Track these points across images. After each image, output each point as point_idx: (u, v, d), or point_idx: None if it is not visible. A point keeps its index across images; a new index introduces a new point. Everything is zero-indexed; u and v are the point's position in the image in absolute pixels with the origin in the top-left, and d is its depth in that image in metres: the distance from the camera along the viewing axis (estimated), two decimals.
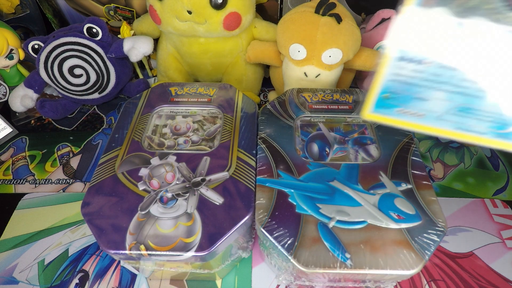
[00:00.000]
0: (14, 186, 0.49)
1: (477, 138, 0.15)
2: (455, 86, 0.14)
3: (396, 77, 0.15)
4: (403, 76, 0.15)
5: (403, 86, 0.15)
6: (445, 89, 0.14)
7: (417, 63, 0.14)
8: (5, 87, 0.57)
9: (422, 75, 0.14)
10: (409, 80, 0.15)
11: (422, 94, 0.15)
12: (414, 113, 0.15)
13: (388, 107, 0.15)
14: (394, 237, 0.29)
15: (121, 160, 0.35)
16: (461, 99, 0.15)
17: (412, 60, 0.14)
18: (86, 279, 0.39)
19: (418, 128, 0.15)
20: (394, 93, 0.15)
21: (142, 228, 0.29)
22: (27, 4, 0.64)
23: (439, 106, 0.15)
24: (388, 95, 0.15)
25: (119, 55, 0.53)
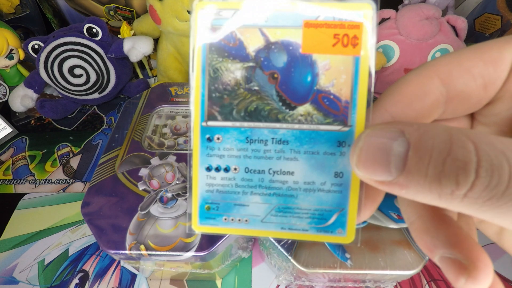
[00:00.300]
0: (14, 186, 0.49)
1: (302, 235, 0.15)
2: (266, 188, 0.15)
3: (210, 188, 0.15)
4: (216, 185, 0.15)
5: (220, 195, 0.15)
6: (259, 192, 0.15)
7: (224, 171, 0.15)
8: (5, 87, 0.57)
9: (233, 182, 0.15)
10: (223, 189, 0.15)
11: (240, 200, 0.15)
12: (239, 220, 0.15)
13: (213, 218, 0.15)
14: (394, 237, 0.29)
15: (121, 160, 0.35)
16: (276, 200, 0.15)
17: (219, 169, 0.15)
18: (86, 279, 0.39)
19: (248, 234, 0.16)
20: (214, 203, 0.15)
21: (142, 228, 0.29)
22: (27, 4, 0.64)
23: (259, 210, 0.15)
24: (208, 206, 0.15)
25: (119, 55, 0.53)
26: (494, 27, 0.58)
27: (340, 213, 0.15)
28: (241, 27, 0.14)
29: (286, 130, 0.15)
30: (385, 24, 0.52)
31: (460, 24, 0.49)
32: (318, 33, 0.14)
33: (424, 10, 0.48)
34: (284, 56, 0.14)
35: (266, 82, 0.14)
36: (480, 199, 0.10)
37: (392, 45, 0.50)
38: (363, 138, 0.12)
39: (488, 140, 0.10)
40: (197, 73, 0.15)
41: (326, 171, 0.15)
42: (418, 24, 0.48)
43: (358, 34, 0.14)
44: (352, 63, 0.14)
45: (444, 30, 0.49)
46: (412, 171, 0.11)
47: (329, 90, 0.14)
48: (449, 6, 0.58)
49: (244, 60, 0.14)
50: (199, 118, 0.15)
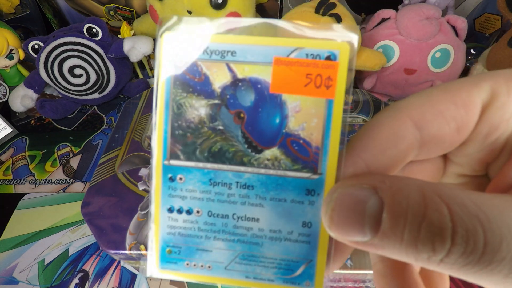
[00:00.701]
0: (14, 186, 0.49)
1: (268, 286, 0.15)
2: (230, 234, 0.14)
3: (172, 230, 0.14)
4: (178, 228, 0.14)
5: (182, 238, 0.14)
6: (222, 237, 0.14)
7: (187, 213, 0.14)
8: (5, 87, 0.57)
9: (195, 225, 0.14)
10: (185, 232, 0.14)
11: (203, 245, 0.14)
12: (202, 266, 0.15)
13: (175, 262, 0.15)
14: None
15: (121, 160, 0.35)
16: (241, 247, 0.14)
17: (181, 211, 0.14)
18: (86, 279, 0.39)
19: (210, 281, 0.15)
20: (176, 246, 0.15)
21: (142, 228, 0.29)
22: (27, 4, 0.64)
23: (223, 256, 0.14)
24: (170, 250, 0.15)
25: (119, 55, 0.53)
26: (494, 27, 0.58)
27: (307, 264, 0.14)
28: (208, 61, 0.13)
29: (252, 175, 0.14)
30: (385, 24, 0.52)
31: (460, 24, 0.49)
32: (289, 71, 0.13)
33: (424, 10, 0.48)
34: (252, 95, 0.13)
35: (231, 121, 0.13)
36: (457, 264, 0.10)
37: (392, 45, 0.51)
38: (335, 197, 0.12)
39: (461, 201, 0.10)
40: (160, 107, 0.14)
41: (294, 220, 0.14)
42: (418, 24, 0.48)
43: (332, 75, 0.13)
44: (325, 106, 0.13)
45: (444, 30, 0.49)
46: (387, 234, 0.10)
47: (298, 134, 0.13)
48: (449, 6, 0.58)
49: (209, 97, 0.13)
50: (161, 156, 0.14)
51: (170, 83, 0.13)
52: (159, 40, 0.13)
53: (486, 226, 0.09)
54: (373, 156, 0.13)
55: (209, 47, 0.13)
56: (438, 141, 0.13)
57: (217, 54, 0.13)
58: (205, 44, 0.13)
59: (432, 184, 0.11)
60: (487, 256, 0.09)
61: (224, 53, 0.13)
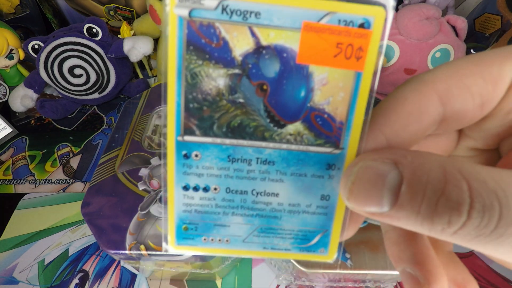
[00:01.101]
0: (14, 186, 0.49)
1: (284, 254, 0.15)
2: (249, 209, 0.14)
3: (188, 208, 0.14)
4: (195, 205, 0.14)
5: (198, 215, 0.14)
6: (241, 213, 0.14)
7: (203, 191, 0.14)
8: (5, 87, 0.57)
9: (213, 202, 0.14)
10: (202, 209, 0.14)
11: (221, 220, 0.14)
12: (220, 240, 0.15)
13: (192, 238, 0.15)
14: None
15: (121, 160, 0.35)
16: (259, 221, 0.14)
17: (197, 188, 0.14)
18: (86, 279, 0.39)
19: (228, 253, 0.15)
20: (192, 223, 0.14)
21: (142, 228, 0.29)
22: (27, 4, 0.64)
23: (241, 230, 0.14)
24: (186, 227, 0.14)
25: (119, 55, 0.53)
26: (494, 27, 0.58)
27: (323, 234, 0.14)
28: (227, 23, 0.11)
29: (273, 150, 0.13)
30: None
31: (460, 24, 0.49)
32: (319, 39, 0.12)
33: (424, 10, 0.48)
34: (277, 65, 0.12)
35: (253, 94, 0.12)
36: (469, 236, 0.10)
37: (392, 45, 0.50)
38: (355, 171, 0.12)
39: (481, 177, 0.10)
40: (171, 77, 0.12)
41: (313, 194, 0.14)
42: (418, 24, 0.48)
43: (364, 45, 0.12)
44: (353, 80, 0.12)
45: (444, 30, 0.49)
46: (405, 206, 0.11)
47: (323, 109, 0.12)
48: (449, 6, 0.58)
49: (229, 66, 0.12)
50: (174, 132, 0.13)
51: (183, 48, 0.12)
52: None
53: (503, 201, 0.10)
54: (395, 132, 0.12)
55: (230, 5, 0.11)
56: (460, 117, 0.13)
57: (238, 14, 0.11)
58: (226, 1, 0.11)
59: (454, 161, 0.11)
60: (500, 230, 0.10)
61: (247, 14, 0.11)
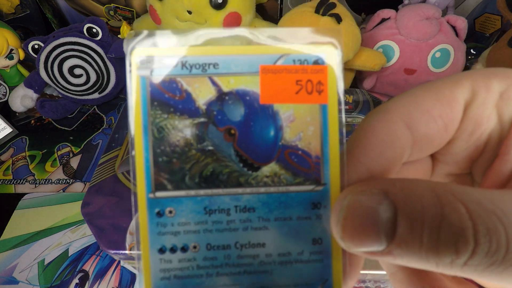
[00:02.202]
0: (14, 186, 0.49)
1: None
2: (235, 266, 0.13)
3: (166, 274, 0.13)
4: (173, 270, 0.13)
5: (179, 282, 0.13)
6: (226, 272, 0.13)
7: (182, 251, 0.13)
8: (5, 87, 0.57)
9: (194, 263, 0.13)
10: (182, 273, 0.13)
11: (205, 285, 0.13)
12: None
13: None
14: None
15: (121, 160, 0.35)
16: (248, 279, 0.13)
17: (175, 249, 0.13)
18: (86, 279, 0.39)
19: None
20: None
21: None
22: (27, 4, 0.64)
23: None
24: None
25: (119, 55, 0.53)
26: (494, 27, 0.58)
27: (324, 285, 0.13)
28: (188, 76, 0.12)
29: (251, 196, 0.12)
30: (385, 24, 0.52)
31: (460, 24, 0.49)
32: (278, 79, 0.12)
33: (424, 10, 0.48)
34: (241, 108, 0.12)
35: (222, 140, 0.12)
36: (481, 266, 0.09)
37: (392, 45, 0.51)
38: (345, 206, 0.11)
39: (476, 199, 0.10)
40: (138, 133, 0.12)
41: (303, 239, 0.13)
42: (418, 24, 0.48)
43: (323, 79, 0.12)
44: (320, 112, 0.12)
45: (444, 30, 0.49)
46: (405, 239, 0.10)
47: (296, 145, 0.12)
48: (449, 6, 0.58)
49: (194, 116, 0.12)
50: (144, 189, 0.12)
51: (147, 104, 0.12)
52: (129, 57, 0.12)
53: (505, 221, 0.09)
54: (373, 160, 0.12)
55: (188, 61, 0.12)
56: (428, 139, 0.13)
57: (197, 67, 0.12)
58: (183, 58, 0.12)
59: (443, 184, 0.10)
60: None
61: (206, 66, 0.12)
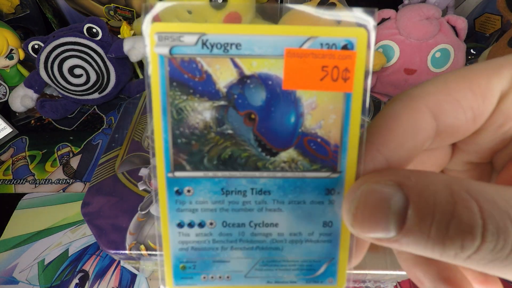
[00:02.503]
0: (14, 186, 0.49)
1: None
2: (248, 242, 0.14)
3: (184, 245, 0.14)
4: (191, 242, 0.13)
5: (196, 252, 0.14)
6: (240, 247, 0.14)
7: (199, 226, 0.13)
8: (5, 87, 0.57)
9: (210, 237, 0.13)
10: (199, 246, 0.14)
11: (220, 256, 0.14)
12: (221, 277, 0.14)
13: (190, 277, 0.14)
14: None
15: (121, 160, 0.35)
16: (260, 254, 0.14)
17: (192, 224, 0.13)
18: (86, 279, 0.39)
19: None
20: (190, 261, 0.14)
21: (142, 228, 0.29)
22: (27, 4, 0.64)
23: (242, 265, 0.14)
24: (184, 266, 0.14)
25: (119, 55, 0.53)
26: (494, 27, 0.58)
27: (330, 262, 0.14)
28: (208, 57, 0.11)
29: (268, 179, 0.13)
30: (385, 24, 0.52)
31: (460, 24, 0.49)
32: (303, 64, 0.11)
33: (424, 10, 0.48)
34: (263, 93, 0.12)
35: (241, 124, 0.12)
36: (484, 260, 0.10)
37: (392, 45, 0.50)
38: (358, 195, 0.11)
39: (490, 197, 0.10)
40: (156, 114, 0.12)
41: (314, 221, 0.13)
42: (418, 24, 0.48)
43: (350, 66, 0.11)
44: (343, 101, 0.12)
45: (444, 30, 0.49)
46: (413, 230, 0.10)
47: (316, 133, 0.12)
48: (449, 6, 0.58)
49: (214, 98, 0.12)
50: (163, 169, 0.13)
51: (166, 85, 0.12)
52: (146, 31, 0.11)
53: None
54: (392, 150, 0.12)
55: (209, 40, 0.11)
56: (454, 130, 0.13)
57: (219, 47, 0.11)
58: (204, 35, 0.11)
59: (460, 180, 0.10)
60: None
61: (228, 46, 0.11)
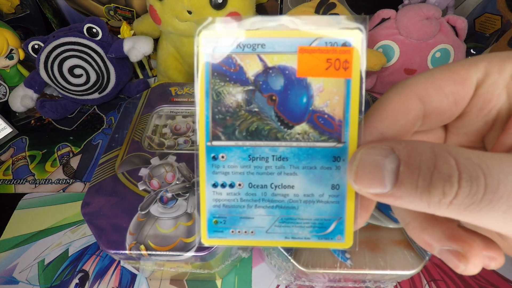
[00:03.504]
0: (14, 186, 0.49)
1: (304, 243, 0.17)
2: (269, 201, 0.16)
3: (217, 203, 0.17)
4: (223, 200, 0.17)
5: (226, 209, 0.17)
6: (262, 205, 0.17)
7: (230, 187, 0.16)
8: (5, 87, 0.57)
9: (238, 196, 0.16)
10: (229, 203, 0.17)
11: (246, 213, 0.17)
12: (246, 232, 0.17)
13: (221, 231, 0.17)
14: (394, 237, 0.29)
15: (121, 160, 0.35)
16: (279, 212, 0.17)
17: (224, 185, 0.16)
18: (86, 279, 0.39)
19: (254, 245, 0.17)
20: (221, 217, 0.17)
21: (142, 228, 0.29)
22: (27, 4, 0.64)
23: (264, 222, 0.17)
24: (216, 220, 0.17)
25: (119, 55, 0.53)
26: (494, 27, 0.58)
27: (338, 221, 0.16)
28: (241, 54, 0.15)
29: (285, 148, 0.16)
30: (385, 24, 0.52)
31: (460, 24, 0.49)
32: (312, 58, 0.15)
33: (424, 10, 0.48)
34: (281, 80, 0.15)
35: (265, 104, 0.16)
36: (463, 205, 0.12)
37: (392, 45, 0.50)
38: (358, 157, 0.14)
39: (466, 155, 0.12)
40: (201, 96, 0.16)
41: (324, 184, 0.16)
42: (418, 24, 0.48)
43: (349, 58, 0.15)
44: (344, 85, 0.15)
45: (444, 30, 0.49)
46: (404, 183, 0.12)
47: (323, 110, 0.15)
48: (449, 6, 0.58)
49: (244, 84, 0.15)
50: (204, 138, 0.16)
51: (209, 74, 0.15)
52: (197, 38, 0.15)
53: (486, 172, 0.11)
54: (387, 126, 0.15)
55: (242, 42, 0.15)
56: (439, 113, 0.15)
57: (248, 47, 0.15)
58: (238, 39, 0.15)
59: (442, 144, 0.13)
60: (488, 196, 0.11)
61: (255, 46, 0.15)
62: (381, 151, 0.13)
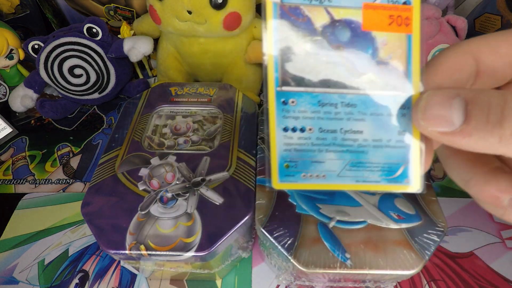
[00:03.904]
0: (14, 186, 0.49)
1: (375, 186, 0.17)
2: (340, 146, 0.17)
3: (288, 147, 0.17)
4: (294, 145, 0.17)
5: (297, 153, 0.17)
6: (333, 149, 0.17)
7: (300, 131, 0.17)
8: (5, 87, 0.57)
9: (309, 141, 0.17)
10: (300, 148, 0.17)
11: (317, 157, 0.17)
12: (317, 176, 0.17)
13: (292, 175, 0.17)
14: (394, 237, 0.29)
15: (121, 160, 0.35)
16: (350, 156, 0.17)
17: (295, 129, 0.17)
18: (86, 279, 0.39)
19: (326, 188, 0.17)
20: (293, 161, 0.17)
21: (142, 228, 0.29)
22: (27, 4, 0.64)
23: (334, 166, 0.17)
24: (287, 164, 0.17)
25: (119, 55, 0.53)
26: (494, 27, 0.58)
27: (405, 166, 0.17)
28: (308, 6, 0.16)
29: (354, 95, 0.16)
30: None
31: (460, 24, 0.49)
32: (376, 13, 0.16)
33: (424, 10, 0.48)
34: (348, 32, 0.16)
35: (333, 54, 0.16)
36: None
37: None
38: (425, 97, 0.15)
39: None
40: (270, 45, 0.16)
41: (391, 130, 0.17)
42: None
43: (409, 16, 0.16)
44: (406, 40, 0.16)
45: (444, 30, 0.49)
46: (475, 119, 0.12)
47: (388, 62, 0.16)
48: (449, 6, 0.58)
49: (313, 34, 0.16)
50: (273, 84, 0.16)
51: (277, 23, 0.16)
52: None
53: None
54: (442, 79, 0.16)
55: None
56: (492, 73, 0.15)
57: (316, 0, 0.16)
58: None
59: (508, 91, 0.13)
60: None
61: None
62: (447, 93, 0.14)
